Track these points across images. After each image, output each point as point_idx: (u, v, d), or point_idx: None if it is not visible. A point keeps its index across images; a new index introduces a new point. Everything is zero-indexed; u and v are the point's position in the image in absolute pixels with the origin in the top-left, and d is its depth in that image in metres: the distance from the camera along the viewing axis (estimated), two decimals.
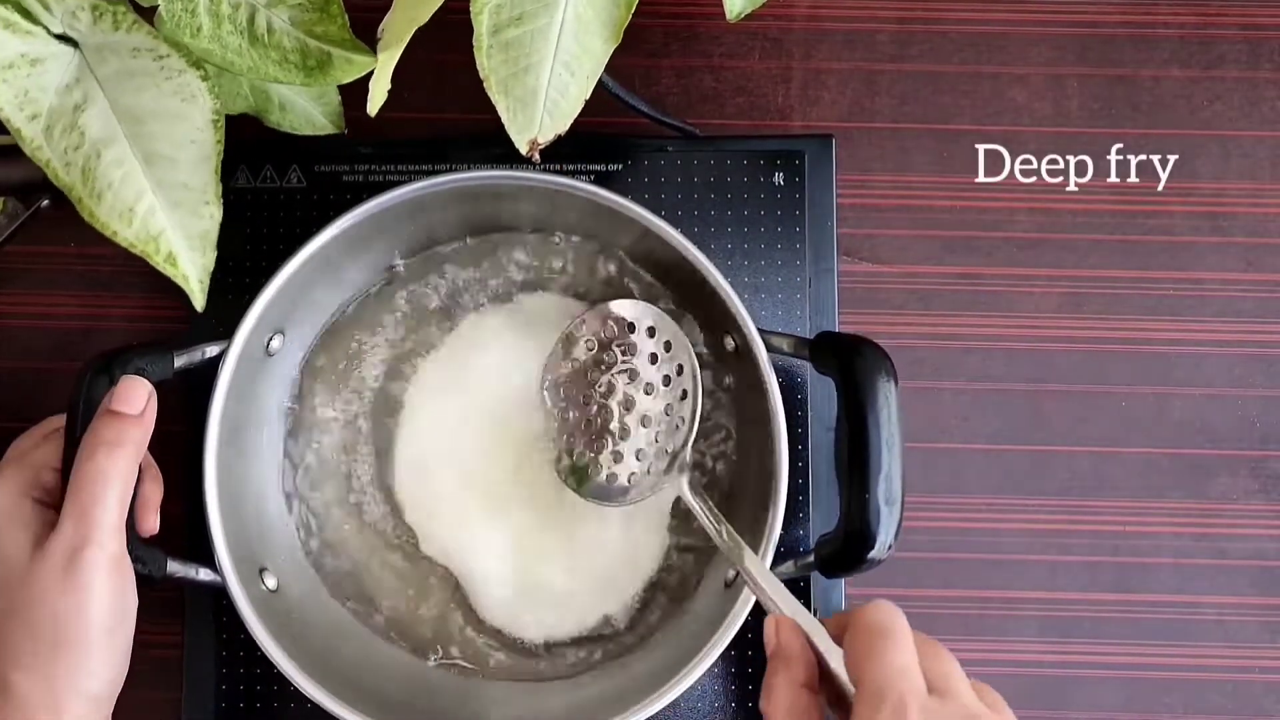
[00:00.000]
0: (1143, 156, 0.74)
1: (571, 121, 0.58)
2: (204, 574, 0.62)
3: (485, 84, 0.56)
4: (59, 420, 0.62)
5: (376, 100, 0.57)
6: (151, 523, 0.63)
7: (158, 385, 0.61)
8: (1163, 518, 0.72)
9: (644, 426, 0.66)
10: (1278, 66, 0.74)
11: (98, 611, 0.57)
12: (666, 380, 0.66)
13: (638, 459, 0.66)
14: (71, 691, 0.57)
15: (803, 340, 0.64)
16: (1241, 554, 0.72)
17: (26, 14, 0.56)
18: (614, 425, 0.66)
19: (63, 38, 0.58)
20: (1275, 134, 0.74)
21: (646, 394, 0.66)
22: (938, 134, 0.74)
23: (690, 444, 0.65)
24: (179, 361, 0.62)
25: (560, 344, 0.68)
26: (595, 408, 0.67)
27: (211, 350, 0.63)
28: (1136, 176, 0.74)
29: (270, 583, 0.65)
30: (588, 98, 0.58)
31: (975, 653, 0.71)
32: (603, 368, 0.67)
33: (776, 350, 0.64)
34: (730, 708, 0.69)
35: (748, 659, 0.69)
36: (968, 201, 0.74)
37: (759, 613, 0.61)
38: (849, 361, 0.61)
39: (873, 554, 0.59)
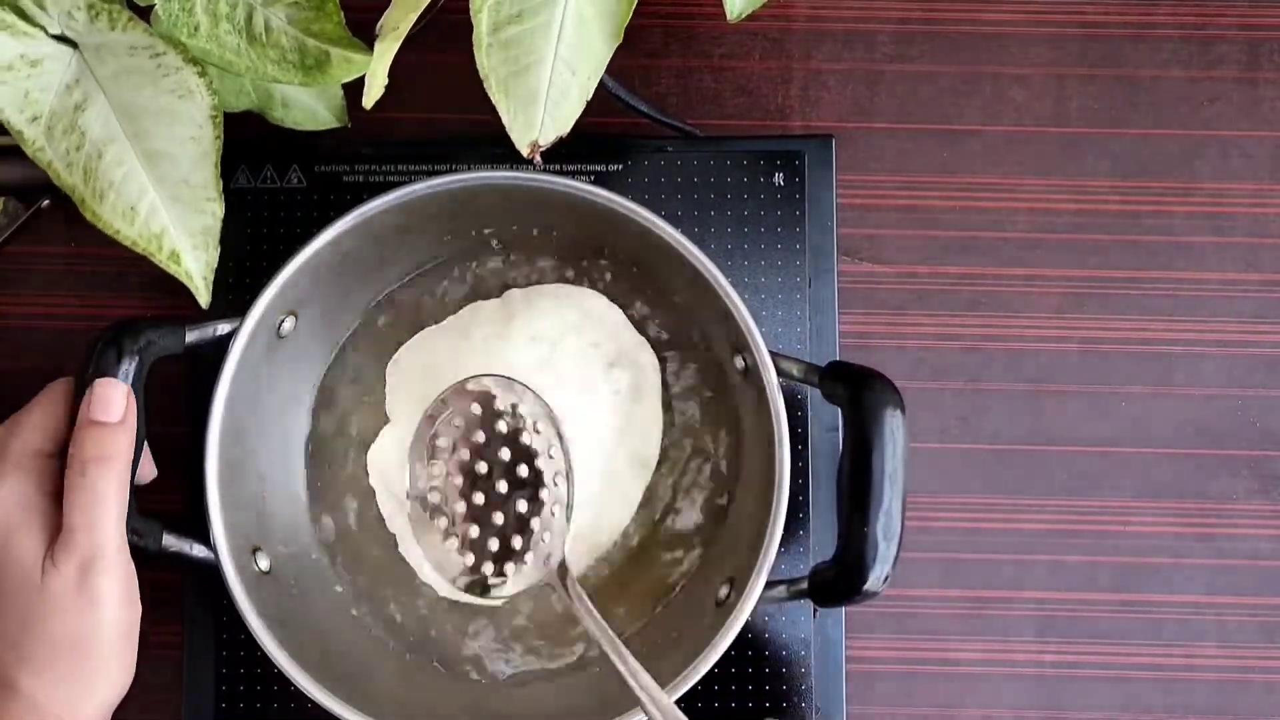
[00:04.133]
0: (1142, 156, 0.74)
1: (573, 123, 0.58)
2: (198, 550, 0.62)
3: (485, 84, 0.56)
4: (63, 385, 0.61)
5: (373, 93, 0.57)
6: (148, 470, 0.63)
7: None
8: (1163, 518, 0.72)
9: (530, 504, 0.64)
10: (1278, 66, 0.74)
11: (111, 622, 0.58)
12: (534, 457, 0.64)
13: (522, 543, 0.64)
14: (88, 701, 0.58)
15: (813, 367, 0.63)
16: (1241, 554, 0.72)
17: (24, 15, 0.56)
18: (499, 513, 0.64)
19: (61, 38, 0.58)
20: (1275, 134, 0.74)
21: (526, 472, 0.64)
22: (938, 134, 0.74)
23: (570, 528, 0.64)
24: (190, 336, 0.62)
25: (420, 434, 0.65)
26: (476, 496, 0.65)
27: (223, 328, 0.63)
28: (1137, 176, 0.74)
29: (263, 563, 0.65)
30: (589, 99, 0.58)
31: (975, 653, 0.71)
32: (478, 447, 0.65)
33: (786, 375, 0.63)
34: (730, 708, 0.69)
35: (746, 662, 0.69)
36: (968, 201, 0.74)
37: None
38: (857, 393, 0.60)
39: (867, 587, 0.59)
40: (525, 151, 0.57)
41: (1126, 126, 0.74)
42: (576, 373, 0.68)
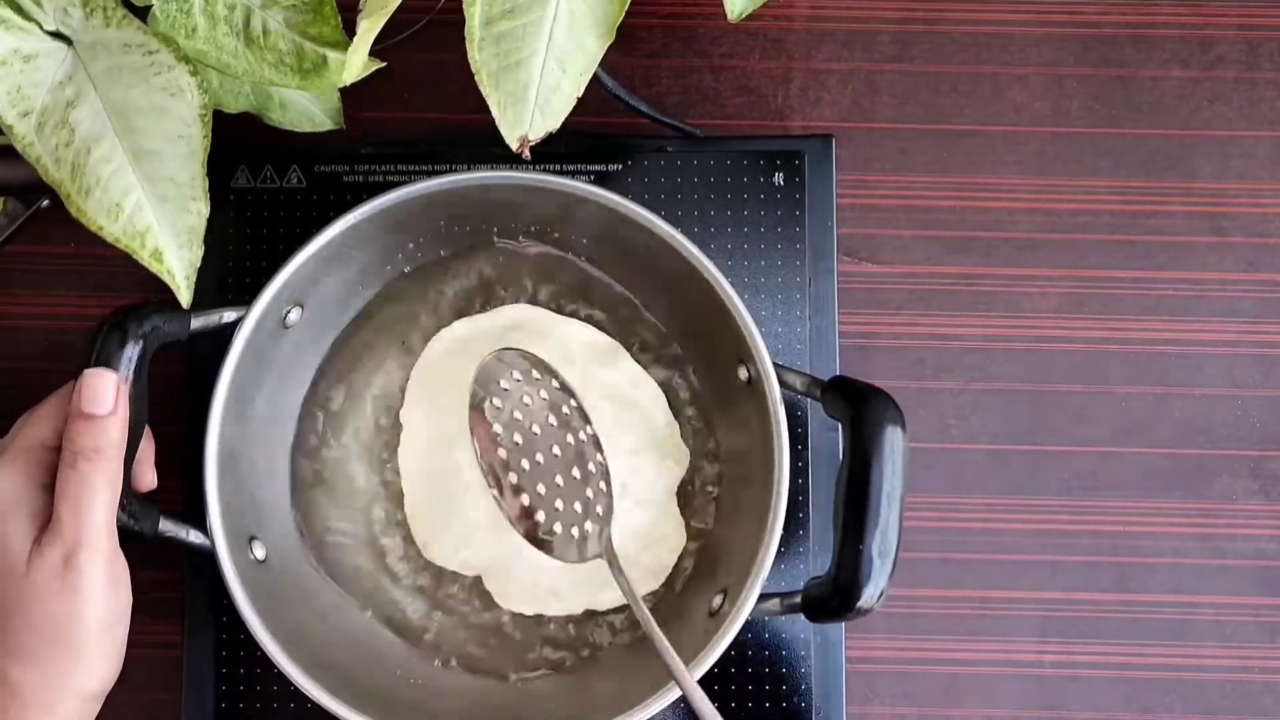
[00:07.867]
0: (1142, 156, 0.74)
1: (563, 119, 0.58)
2: (194, 536, 0.62)
3: (476, 77, 0.56)
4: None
5: (353, 71, 0.57)
6: (149, 479, 0.63)
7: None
8: (1163, 518, 0.72)
9: (573, 473, 0.65)
10: (1278, 66, 0.74)
11: (94, 613, 0.57)
12: (574, 429, 0.65)
13: (576, 511, 0.65)
14: (67, 689, 0.57)
15: (815, 380, 0.63)
16: (1241, 554, 0.72)
17: (20, 10, 0.57)
18: (557, 474, 0.65)
19: (56, 34, 0.58)
20: (1275, 134, 0.74)
21: (564, 438, 0.65)
22: (938, 134, 0.74)
23: (613, 499, 0.65)
24: (195, 323, 0.62)
25: (476, 392, 0.66)
26: (533, 455, 0.65)
27: (229, 315, 0.63)
28: (1137, 176, 0.74)
29: (259, 553, 0.65)
30: (580, 95, 0.58)
31: (975, 653, 0.71)
32: (520, 413, 0.66)
33: (788, 387, 0.63)
34: (730, 707, 0.69)
35: (741, 667, 0.69)
36: (968, 201, 0.74)
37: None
38: (858, 410, 0.60)
39: (860, 604, 0.59)
40: (514, 146, 0.57)
41: (1126, 126, 0.74)
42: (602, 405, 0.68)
